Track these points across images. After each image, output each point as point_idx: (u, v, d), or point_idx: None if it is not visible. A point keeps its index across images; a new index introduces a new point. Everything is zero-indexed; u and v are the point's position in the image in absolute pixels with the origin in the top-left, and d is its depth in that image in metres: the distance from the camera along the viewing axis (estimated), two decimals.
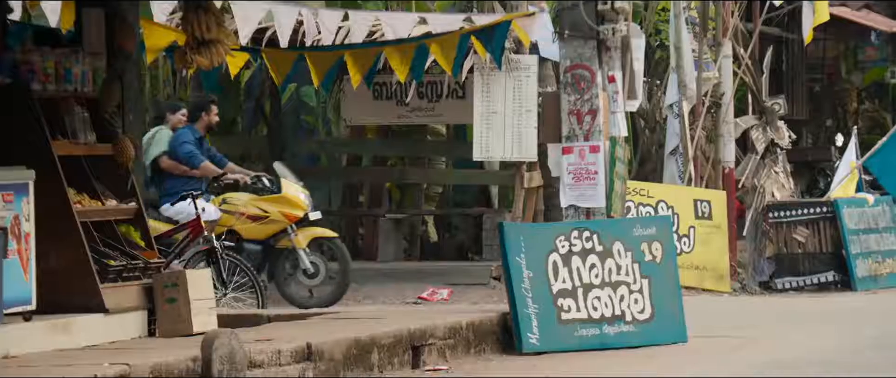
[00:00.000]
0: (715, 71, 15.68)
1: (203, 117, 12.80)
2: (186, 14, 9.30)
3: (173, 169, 12.67)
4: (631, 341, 10.02)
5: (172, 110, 13.14)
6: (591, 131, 10.57)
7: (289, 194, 12.75)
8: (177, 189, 12.62)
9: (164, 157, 12.68)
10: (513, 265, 9.87)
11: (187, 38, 9.29)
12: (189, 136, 12.71)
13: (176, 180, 12.72)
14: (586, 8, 10.52)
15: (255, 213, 12.68)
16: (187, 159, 12.65)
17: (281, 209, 12.70)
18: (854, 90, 22.43)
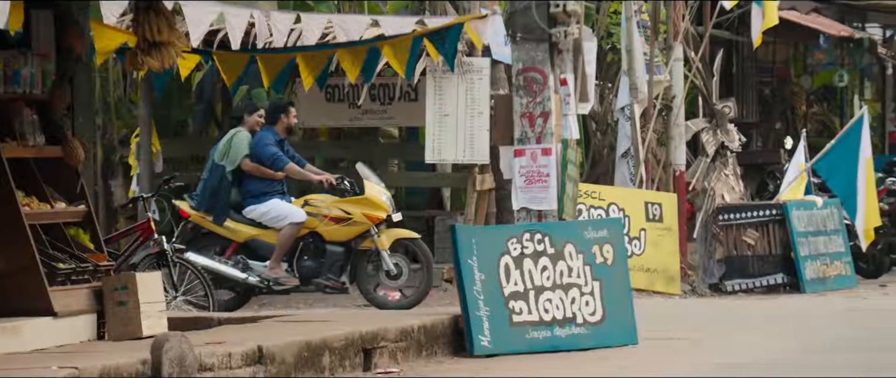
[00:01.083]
0: (666, 74, 15.76)
1: (282, 119, 12.79)
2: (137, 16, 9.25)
3: (256, 171, 12.63)
4: (582, 343, 10.05)
5: (249, 112, 13.06)
6: (542, 134, 10.60)
7: (372, 196, 12.77)
8: (259, 190, 12.62)
9: (246, 159, 12.61)
10: (465, 267, 9.88)
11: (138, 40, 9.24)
12: (270, 139, 12.69)
13: (258, 182, 12.68)
14: (538, 11, 10.54)
15: (337, 215, 12.68)
16: (271, 162, 12.61)
17: (364, 211, 12.72)
18: (803, 93, 22.60)
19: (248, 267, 12.59)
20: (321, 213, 12.69)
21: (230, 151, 12.60)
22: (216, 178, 12.63)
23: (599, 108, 16.25)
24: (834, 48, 21.30)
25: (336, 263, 12.66)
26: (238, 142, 12.69)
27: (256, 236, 12.64)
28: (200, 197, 12.71)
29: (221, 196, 12.58)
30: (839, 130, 17.53)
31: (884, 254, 16.88)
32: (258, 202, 12.58)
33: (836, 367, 8.94)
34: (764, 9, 16.17)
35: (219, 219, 12.62)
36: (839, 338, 10.68)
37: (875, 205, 15.92)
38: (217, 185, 12.60)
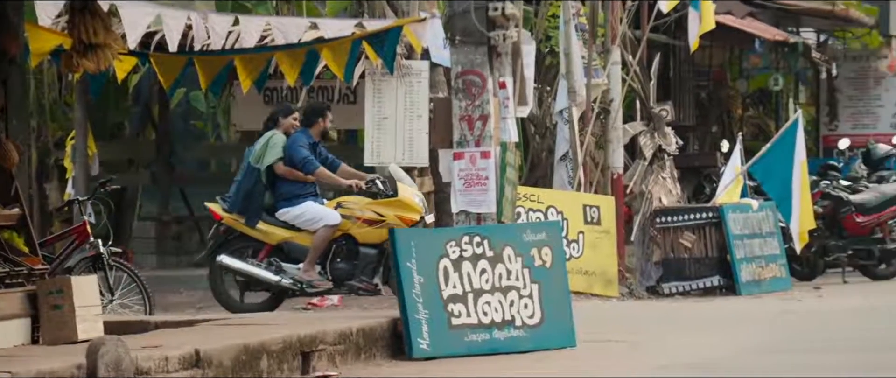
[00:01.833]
0: (604, 77, 15.83)
1: (319, 123, 12.72)
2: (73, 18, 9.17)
3: (289, 175, 12.56)
4: (521, 346, 10.07)
5: (285, 114, 12.95)
6: (481, 137, 10.61)
7: (405, 198, 12.73)
8: (292, 193, 12.55)
9: (279, 163, 12.54)
10: (404, 270, 9.87)
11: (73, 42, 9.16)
12: (303, 141, 12.61)
13: (291, 184, 12.61)
14: (477, 14, 10.56)
15: (371, 218, 12.62)
16: (302, 165, 12.55)
17: (397, 213, 12.68)
18: (739, 97, 22.79)
19: (281, 269, 12.56)
20: (354, 215, 12.67)
21: (265, 154, 12.55)
22: (250, 180, 12.57)
23: (538, 111, 16.30)
24: (769, 52, 21.49)
25: (369, 265, 12.66)
26: (273, 144, 12.63)
27: (290, 239, 12.60)
28: (233, 199, 12.66)
29: (255, 199, 12.53)
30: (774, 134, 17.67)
31: (818, 256, 17.05)
32: (291, 205, 12.52)
33: (772, 369, 9.01)
34: (701, 13, 16.29)
35: (252, 221, 12.57)
36: (774, 340, 10.77)
37: (809, 208, 16.07)
38: (251, 188, 12.55)
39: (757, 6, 21.23)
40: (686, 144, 19.09)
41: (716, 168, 18.19)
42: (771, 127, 22.34)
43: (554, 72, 16.14)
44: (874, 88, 24.18)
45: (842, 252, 16.98)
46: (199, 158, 17.09)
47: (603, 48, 16.00)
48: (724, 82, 22.42)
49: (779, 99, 22.57)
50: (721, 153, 18.27)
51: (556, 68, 15.92)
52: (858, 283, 16.62)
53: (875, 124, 24.07)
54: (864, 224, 16.95)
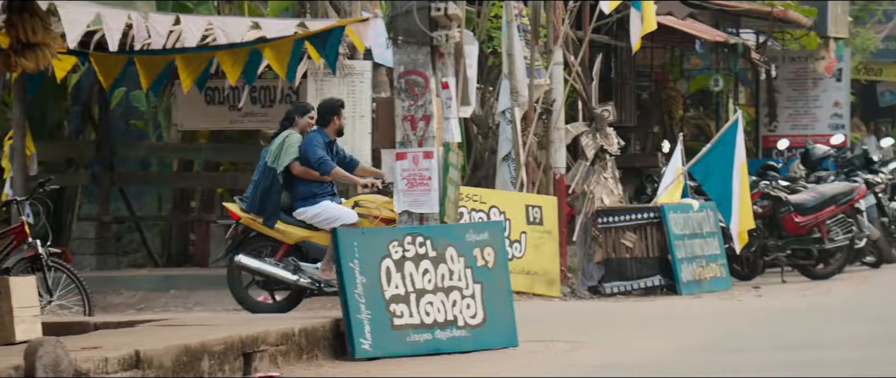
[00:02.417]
0: (546, 78, 15.88)
1: (334, 121, 12.60)
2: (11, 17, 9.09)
3: (305, 175, 12.49)
4: (463, 346, 10.08)
5: (300, 113, 12.82)
6: (424, 137, 10.62)
7: None
8: (310, 192, 12.49)
9: (295, 163, 12.47)
10: (346, 271, 9.85)
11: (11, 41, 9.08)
12: (319, 141, 12.52)
13: (308, 184, 12.55)
14: (420, 14, 10.56)
15: (388, 217, 12.52)
16: (318, 165, 12.46)
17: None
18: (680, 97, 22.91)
19: (299, 269, 12.53)
20: (371, 214, 12.64)
21: (281, 154, 12.52)
22: (267, 180, 12.53)
23: (481, 111, 16.32)
24: (709, 53, 21.62)
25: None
26: (289, 144, 12.56)
27: (307, 238, 12.57)
28: (251, 199, 12.63)
29: (272, 198, 12.48)
30: (714, 134, 17.80)
31: (757, 256, 17.18)
32: (309, 204, 12.48)
33: (713, 368, 9.07)
34: (642, 14, 16.37)
35: (269, 221, 12.54)
36: (715, 339, 10.84)
37: (749, 208, 16.19)
38: (268, 188, 12.50)
39: (697, 7, 21.35)
40: (627, 145, 19.18)
41: (657, 168, 18.29)
42: (711, 127, 22.48)
43: (496, 72, 16.17)
44: (812, 89, 24.41)
45: (781, 252, 17.12)
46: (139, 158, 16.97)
47: (545, 49, 16.05)
48: (665, 83, 22.54)
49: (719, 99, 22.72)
50: (662, 153, 18.37)
51: (498, 69, 15.95)
52: (797, 283, 16.77)
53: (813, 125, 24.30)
54: (802, 224, 17.10)
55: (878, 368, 8.63)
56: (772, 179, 17.56)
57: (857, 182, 18.37)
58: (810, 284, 16.67)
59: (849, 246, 17.32)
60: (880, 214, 19.50)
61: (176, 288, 14.05)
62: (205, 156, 16.19)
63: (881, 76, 30.19)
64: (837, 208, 17.17)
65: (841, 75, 24.44)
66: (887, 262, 19.58)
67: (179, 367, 8.43)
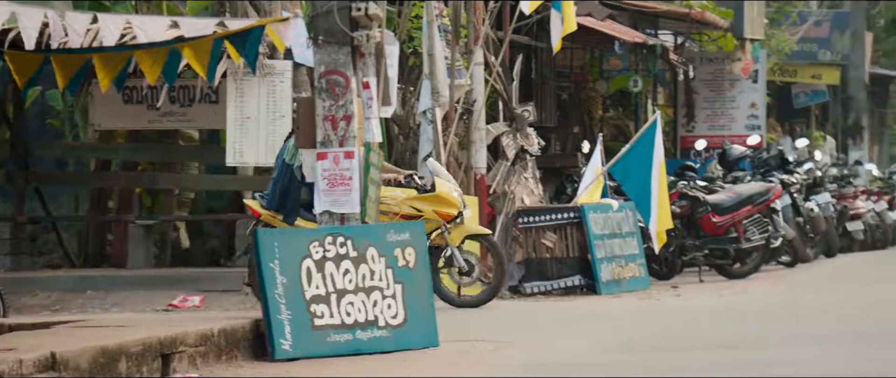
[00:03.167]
0: (467, 78, 15.91)
1: None
2: None
3: None
4: (384, 346, 10.07)
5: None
6: (345, 137, 10.60)
7: (443, 193, 12.70)
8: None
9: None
10: (266, 271, 9.81)
11: None
12: None
13: None
14: (340, 14, 10.54)
15: (408, 213, 12.55)
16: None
17: (435, 208, 12.67)
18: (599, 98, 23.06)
19: None
20: (392, 210, 12.65)
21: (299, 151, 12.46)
22: (286, 177, 12.48)
23: (402, 111, 16.32)
24: (628, 54, 21.78)
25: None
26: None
27: None
28: (271, 196, 12.59)
29: (292, 195, 12.44)
30: (633, 135, 17.93)
31: (676, 256, 17.34)
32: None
33: (632, 367, 9.14)
34: (562, 15, 16.45)
35: (289, 218, 12.51)
36: (634, 338, 10.92)
37: (667, 208, 16.33)
38: (287, 185, 12.46)
39: (616, 9, 21.50)
40: (548, 145, 19.27)
41: (577, 168, 18.40)
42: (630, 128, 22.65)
43: (417, 72, 16.18)
44: (729, 90, 24.67)
45: (698, 251, 17.29)
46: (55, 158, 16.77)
47: (466, 49, 16.08)
48: (585, 83, 22.68)
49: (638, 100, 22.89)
50: (582, 154, 18.48)
51: (419, 69, 15.95)
52: (714, 282, 16.94)
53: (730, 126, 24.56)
54: (719, 224, 17.27)
55: (792, 368, 8.74)
56: (690, 180, 17.73)
57: (772, 182, 18.61)
58: (727, 284, 16.85)
59: (765, 245, 17.53)
60: (795, 214, 19.77)
61: (93, 289, 13.91)
62: (122, 155, 16.03)
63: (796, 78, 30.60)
64: (754, 208, 17.37)
65: (757, 76, 24.72)
66: (802, 261, 19.85)
67: (96, 369, 8.34)
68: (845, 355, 9.33)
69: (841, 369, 8.60)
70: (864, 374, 8.39)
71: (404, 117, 16.45)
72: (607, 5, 21.01)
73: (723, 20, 22.90)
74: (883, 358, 9.09)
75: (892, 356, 9.18)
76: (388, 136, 16.42)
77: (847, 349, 9.65)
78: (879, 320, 11.86)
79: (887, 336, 10.46)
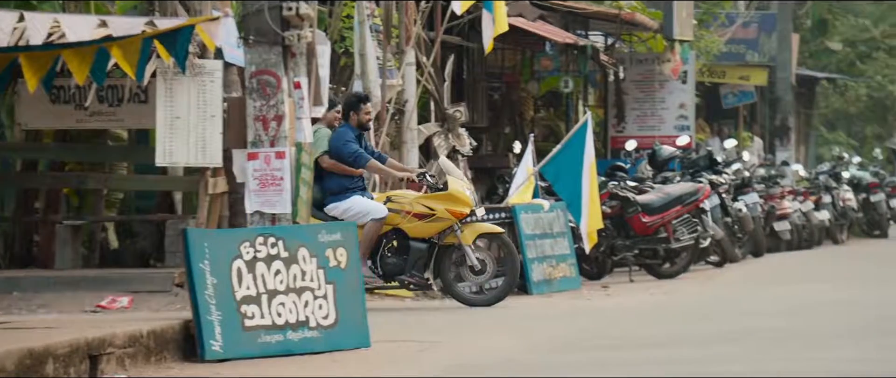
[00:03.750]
0: (398, 78, 15.91)
1: (351, 116, 12.55)
2: None
3: (335, 168, 12.36)
4: (315, 347, 10.05)
5: (328, 108, 12.60)
6: (276, 137, 10.56)
7: (456, 191, 12.63)
8: (340, 187, 12.40)
9: (324, 156, 12.30)
10: (196, 272, 9.75)
11: None
12: (350, 136, 12.43)
13: (338, 179, 12.45)
14: (271, 14, 10.50)
15: (421, 211, 12.47)
16: (353, 160, 12.38)
17: (447, 206, 12.61)
18: (531, 99, 23.13)
19: None
20: (404, 209, 12.59)
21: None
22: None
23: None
24: (559, 55, 21.86)
25: (420, 260, 12.66)
26: (318, 138, 12.45)
27: None
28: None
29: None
30: (565, 135, 18.00)
31: (606, 256, 17.43)
32: (339, 199, 12.41)
33: (560, 367, 9.17)
34: (494, 15, 16.49)
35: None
36: (565, 338, 10.97)
37: (598, 208, 16.41)
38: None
39: (547, 10, 21.58)
40: (479, 145, 19.31)
41: (508, 169, 18.45)
42: (561, 128, 22.74)
43: (349, 72, 16.15)
44: (659, 91, 24.84)
45: (629, 251, 17.39)
46: None
47: (397, 49, 16.07)
48: (517, 84, 22.74)
49: (569, 101, 23.00)
50: (513, 154, 18.53)
51: (350, 69, 15.93)
52: (644, 282, 17.05)
53: (660, 126, 24.73)
54: (649, 224, 17.39)
55: (720, 366, 8.81)
56: (620, 180, 17.84)
57: (701, 183, 18.76)
58: (657, 283, 16.97)
59: (694, 245, 17.67)
60: (724, 214, 19.94)
61: (19, 290, 13.75)
62: (50, 155, 15.86)
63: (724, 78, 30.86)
64: (683, 208, 17.50)
65: (686, 77, 24.90)
66: (731, 261, 20.03)
67: (22, 371, 8.25)
68: (772, 354, 9.42)
69: (767, 368, 8.69)
70: (789, 373, 8.49)
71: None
72: (538, 6, 21.09)
73: (652, 21, 23.05)
74: (807, 356, 9.19)
75: (816, 355, 9.29)
76: None
77: (773, 347, 9.75)
78: (804, 320, 11.99)
79: (811, 334, 10.58)
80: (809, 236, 24.84)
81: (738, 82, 31.23)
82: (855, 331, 10.89)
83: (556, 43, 20.78)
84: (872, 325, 11.39)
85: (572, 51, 21.44)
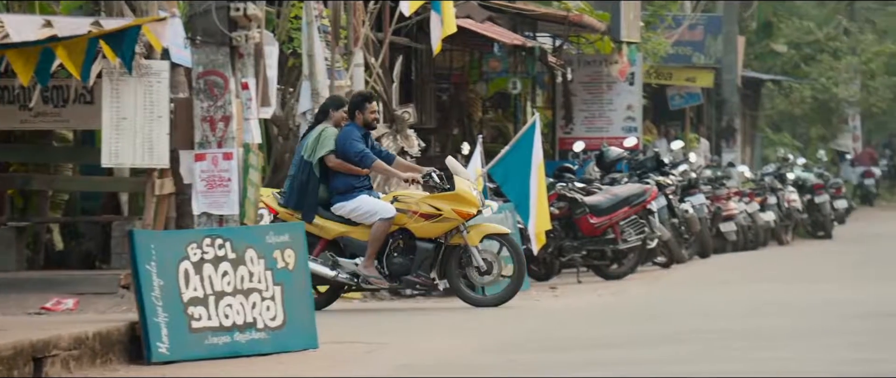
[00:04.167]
0: (347, 79, 15.88)
1: (358, 116, 12.49)
2: None
3: (341, 167, 12.29)
4: (262, 348, 10.02)
5: (335, 107, 12.62)
6: (224, 138, 10.52)
7: (462, 191, 12.61)
8: (348, 186, 12.35)
9: (331, 155, 12.24)
10: (143, 273, 9.69)
11: None
12: (357, 135, 12.36)
13: (345, 178, 12.40)
14: (219, 14, 10.46)
15: (427, 211, 12.43)
16: (359, 159, 12.32)
17: (454, 207, 12.58)
18: (479, 100, 23.16)
19: (337, 264, 12.46)
20: (411, 209, 12.57)
21: (317, 148, 12.24)
22: (304, 174, 12.41)
23: (281, 112, 16.23)
24: (508, 56, 21.90)
25: (426, 260, 12.66)
26: (325, 137, 12.42)
27: (346, 233, 12.53)
28: (288, 194, 12.49)
29: (310, 193, 12.38)
30: (513, 137, 18.04)
31: (554, 257, 17.47)
32: (346, 199, 12.37)
33: (507, 368, 9.19)
34: (442, 16, 16.50)
35: (307, 216, 12.41)
36: (512, 339, 10.99)
37: (546, 209, 16.45)
38: (305, 182, 12.39)
39: (496, 11, 21.61)
40: (428, 146, 19.31)
41: None
42: (510, 129, 22.78)
43: (297, 73, 16.11)
44: (607, 93, 24.93)
45: (577, 252, 17.45)
46: None
47: (345, 50, 16.05)
48: (465, 85, 22.76)
49: (517, 102, 23.04)
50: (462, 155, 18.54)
51: (299, 70, 15.89)
52: (592, 283, 17.11)
53: (608, 128, 24.83)
54: (597, 225, 17.45)
55: (666, 367, 8.86)
56: (568, 181, 17.89)
57: (649, 184, 18.85)
58: (605, 284, 17.03)
59: (641, 246, 17.76)
60: (671, 215, 20.05)
61: None
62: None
63: (671, 80, 31.04)
64: (630, 210, 17.58)
65: (633, 79, 25.02)
66: (677, 262, 20.14)
67: None
68: (718, 354, 9.48)
69: (714, 369, 8.74)
70: (736, 373, 8.54)
71: (284, 118, 16.37)
72: (487, 8, 21.11)
73: (600, 23, 23.13)
74: (753, 357, 9.26)
75: (763, 355, 9.36)
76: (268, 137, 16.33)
77: (720, 348, 9.82)
78: (750, 320, 12.08)
79: (757, 334, 10.66)
80: (755, 237, 25.02)
81: (685, 84, 31.41)
82: (799, 331, 10.98)
83: (505, 44, 20.82)
84: (816, 324, 11.49)
85: (520, 52, 21.48)
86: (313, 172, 12.52)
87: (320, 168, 12.58)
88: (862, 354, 9.31)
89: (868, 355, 9.28)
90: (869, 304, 13.17)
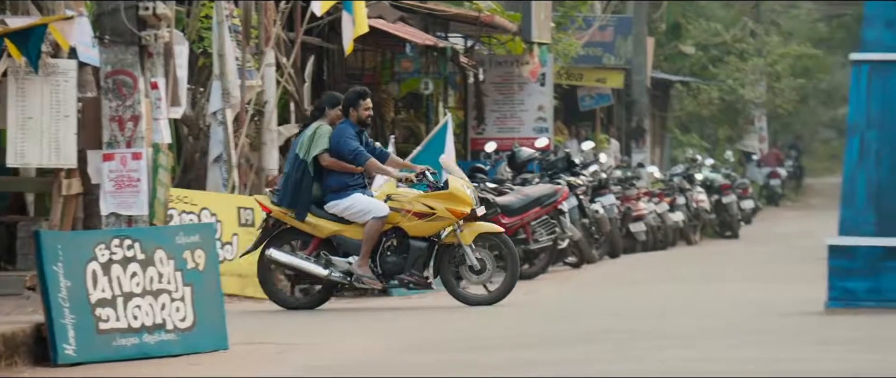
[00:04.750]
0: (258, 79, 15.81)
1: (352, 113, 12.37)
2: None
3: (335, 166, 12.15)
4: (172, 350, 9.95)
5: (331, 104, 12.43)
6: (133, 138, 10.43)
7: (456, 190, 12.50)
8: (341, 184, 12.23)
9: (324, 154, 12.10)
10: (49, 274, 9.58)
11: None
12: (351, 133, 12.21)
13: (338, 176, 12.27)
14: (127, 13, 10.38)
15: (421, 210, 12.31)
16: (353, 157, 12.19)
17: (448, 205, 12.47)
18: (391, 100, 23.17)
19: (330, 263, 12.37)
20: (404, 207, 12.46)
21: (311, 145, 12.05)
22: (298, 172, 12.27)
23: (191, 112, 16.12)
24: (420, 57, 21.92)
25: (419, 259, 12.58)
26: (320, 135, 12.30)
27: (339, 232, 12.45)
28: (282, 192, 12.36)
29: (304, 191, 12.25)
30: (425, 137, 18.06)
31: None
32: (339, 197, 12.25)
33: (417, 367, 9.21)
34: (354, 16, 16.48)
35: (301, 214, 12.31)
36: (422, 339, 11.01)
37: None
38: (299, 180, 12.25)
39: (407, 11, 21.63)
40: None
41: None
42: (422, 130, 22.81)
43: (207, 73, 16.01)
44: (518, 93, 25.05)
45: None
46: None
47: (257, 50, 15.98)
48: (377, 85, 22.75)
49: (429, 102, 23.08)
50: None
51: (209, 69, 15.79)
52: None
53: (519, 128, 24.94)
54: (509, 225, 17.51)
55: (578, 367, 8.92)
56: (480, 181, 17.94)
57: (560, 184, 18.97)
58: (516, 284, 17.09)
59: (552, 246, 17.86)
60: (582, 216, 20.19)
61: None
62: None
63: (582, 81, 31.25)
64: (542, 210, 17.68)
65: (545, 80, 25.15)
66: (588, 262, 20.29)
67: None
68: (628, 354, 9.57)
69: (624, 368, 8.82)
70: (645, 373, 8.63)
71: (194, 118, 16.27)
72: (398, 8, 21.12)
73: (511, 24, 23.23)
74: (661, 357, 9.35)
75: (671, 354, 9.46)
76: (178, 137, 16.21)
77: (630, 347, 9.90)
78: (659, 319, 12.20)
79: (666, 334, 10.76)
80: (664, 237, 25.26)
81: (595, 85, 31.64)
82: (706, 330, 11.11)
83: (417, 44, 20.84)
84: (722, 324, 11.63)
85: (432, 52, 21.52)
86: (307, 170, 12.47)
87: (315, 166, 12.54)
88: (767, 353, 9.44)
89: (773, 354, 9.41)
90: (774, 304, 13.36)
